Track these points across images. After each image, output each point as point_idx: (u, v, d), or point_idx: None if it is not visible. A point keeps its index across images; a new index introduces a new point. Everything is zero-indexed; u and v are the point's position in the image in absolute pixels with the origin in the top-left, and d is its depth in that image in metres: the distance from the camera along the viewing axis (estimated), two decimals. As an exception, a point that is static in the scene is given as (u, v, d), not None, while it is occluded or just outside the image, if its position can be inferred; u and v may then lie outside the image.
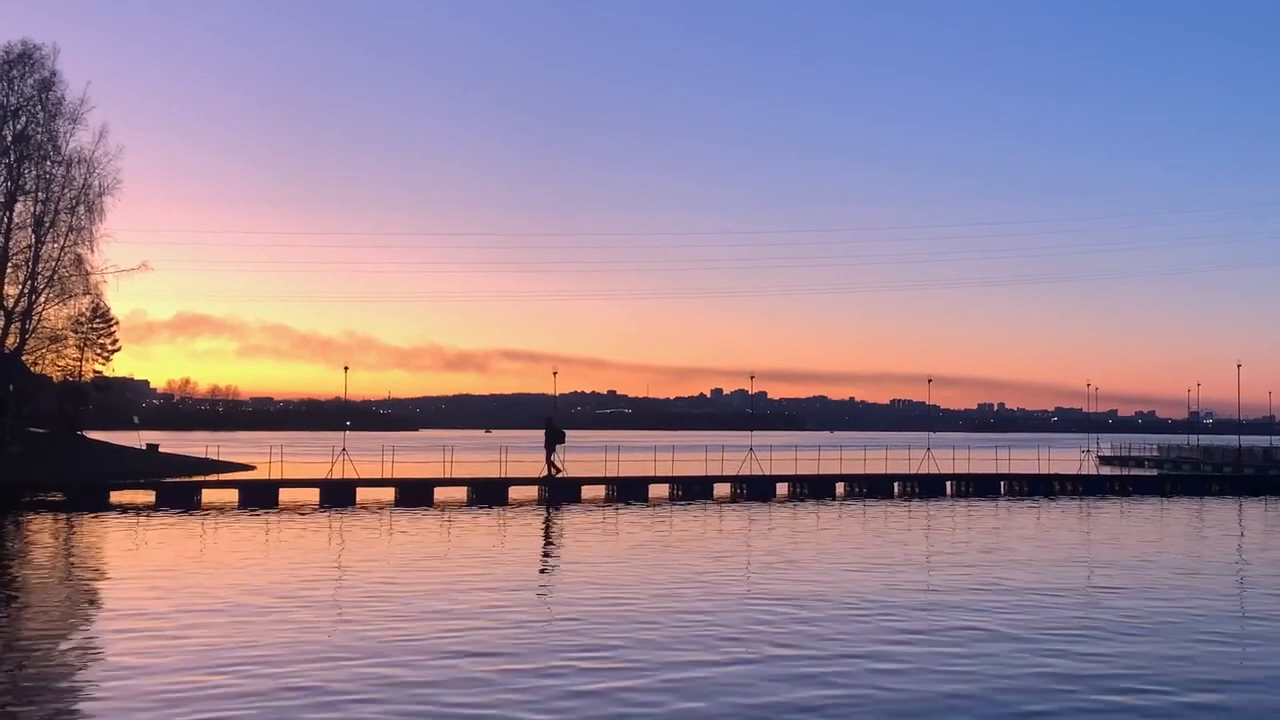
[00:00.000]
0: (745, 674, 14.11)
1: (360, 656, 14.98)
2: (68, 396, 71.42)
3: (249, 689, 13.18)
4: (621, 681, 13.68)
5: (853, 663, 14.80)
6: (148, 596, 20.41)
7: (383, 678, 13.80)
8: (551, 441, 47.92)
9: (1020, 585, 22.15)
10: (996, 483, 53.62)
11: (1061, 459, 65.30)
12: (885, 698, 13.01)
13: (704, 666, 14.51)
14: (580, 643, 16.01)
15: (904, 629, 17.24)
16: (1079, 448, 76.36)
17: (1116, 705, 12.82)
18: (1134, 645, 16.19)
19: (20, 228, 56.95)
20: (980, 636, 16.66)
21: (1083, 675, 14.19)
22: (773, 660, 14.94)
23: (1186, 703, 13.01)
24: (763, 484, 50.46)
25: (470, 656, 14.99)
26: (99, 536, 31.69)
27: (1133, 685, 13.73)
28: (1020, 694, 13.22)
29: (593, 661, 14.79)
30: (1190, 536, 33.54)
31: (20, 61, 56.64)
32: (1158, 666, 14.84)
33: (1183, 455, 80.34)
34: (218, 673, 14.00)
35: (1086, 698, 13.09)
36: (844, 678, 13.96)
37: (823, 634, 16.84)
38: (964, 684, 13.64)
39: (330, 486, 44.67)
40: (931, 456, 56.58)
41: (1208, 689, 13.67)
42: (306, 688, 13.25)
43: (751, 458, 53.90)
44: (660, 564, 25.35)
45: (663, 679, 13.81)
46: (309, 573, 23.67)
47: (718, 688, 13.41)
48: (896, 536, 32.21)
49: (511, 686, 13.39)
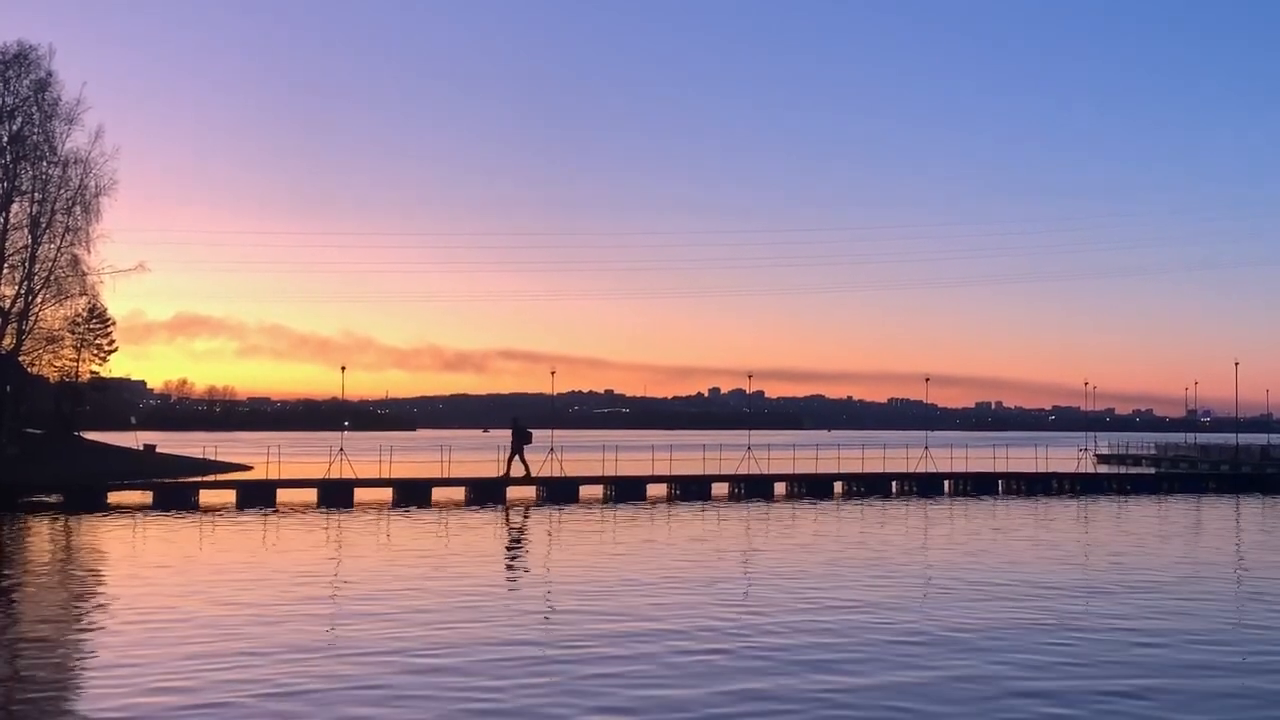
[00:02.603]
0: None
1: (356, 654, 14.98)
2: (65, 397, 71.39)
3: (246, 689, 13.16)
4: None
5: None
6: (145, 597, 20.38)
7: (383, 676, 13.80)
8: (518, 442, 47.62)
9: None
10: (994, 481, 53.62)
11: (1059, 458, 65.26)
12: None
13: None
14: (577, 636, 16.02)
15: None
16: (1077, 446, 76.26)
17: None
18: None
19: (16, 228, 56.78)
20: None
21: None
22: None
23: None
24: (761, 483, 50.45)
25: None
26: (96, 537, 31.66)
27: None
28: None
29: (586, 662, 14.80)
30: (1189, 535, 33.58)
31: (16, 62, 56.46)
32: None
33: (1180, 453, 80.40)
34: (214, 672, 13.98)
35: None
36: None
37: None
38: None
39: (328, 487, 44.61)
40: (929, 455, 56.59)
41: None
42: (304, 688, 13.24)
43: (749, 457, 53.90)
44: (641, 563, 25.38)
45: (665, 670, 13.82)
46: (306, 572, 23.65)
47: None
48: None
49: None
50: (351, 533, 32.64)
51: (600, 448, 59.31)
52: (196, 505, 41.61)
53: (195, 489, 44.83)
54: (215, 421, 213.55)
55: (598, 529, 34.24)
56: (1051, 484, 54.16)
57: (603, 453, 54.30)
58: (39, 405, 65.91)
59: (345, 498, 43.11)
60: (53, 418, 67.89)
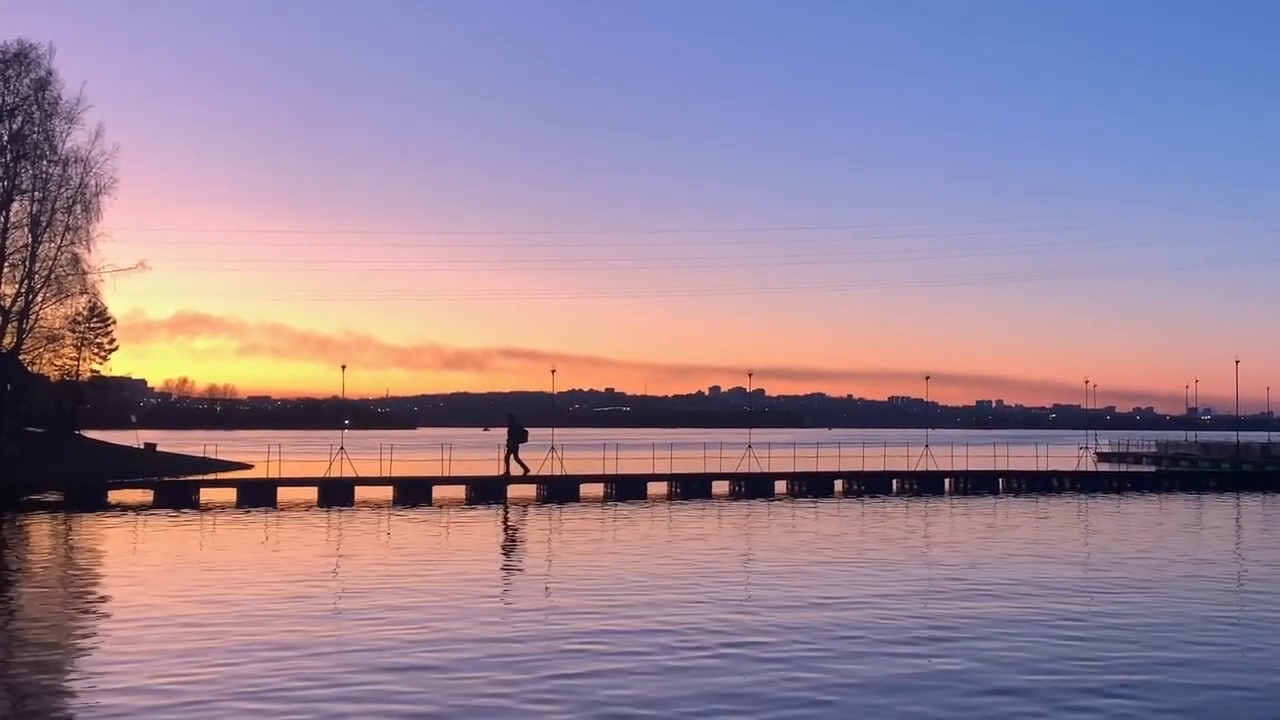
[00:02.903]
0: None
1: (360, 652, 15.00)
2: (65, 396, 71.38)
3: (250, 686, 13.18)
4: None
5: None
6: (145, 595, 20.40)
7: (388, 675, 13.81)
8: (514, 440, 47.54)
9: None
10: (995, 479, 53.63)
11: (1060, 456, 65.27)
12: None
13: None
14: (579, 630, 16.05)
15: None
16: (1077, 445, 76.28)
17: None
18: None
19: (17, 227, 56.82)
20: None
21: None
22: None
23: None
24: (761, 481, 50.45)
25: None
26: (97, 536, 31.68)
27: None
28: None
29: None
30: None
31: (16, 61, 56.48)
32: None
33: (1181, 451, 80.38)
34: (216, 669, 14.00)
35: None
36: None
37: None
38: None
39: (328, 485, 44.63)
40: (930, 454, 56.60)
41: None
42: (283, 687, 13.26)
43: (750, 455, 53.92)
44: (639, 561, 25.39)
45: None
46: (307, 570, 23.66)
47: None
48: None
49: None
50: (351, 531, 32.66)
51: (601, 446, 59.33)
52: (197, 504, 41.63)
53: (196, 488, 44.85)
54: (216, 420, 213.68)
55: (597, 527, 34.25)
56: (1052, 482, 54.15)
57: (603, 451, 54.33)
58: (39, 404, 65.90)
59: (346, 496, 43.14)
60: (53, 416, 67.90)
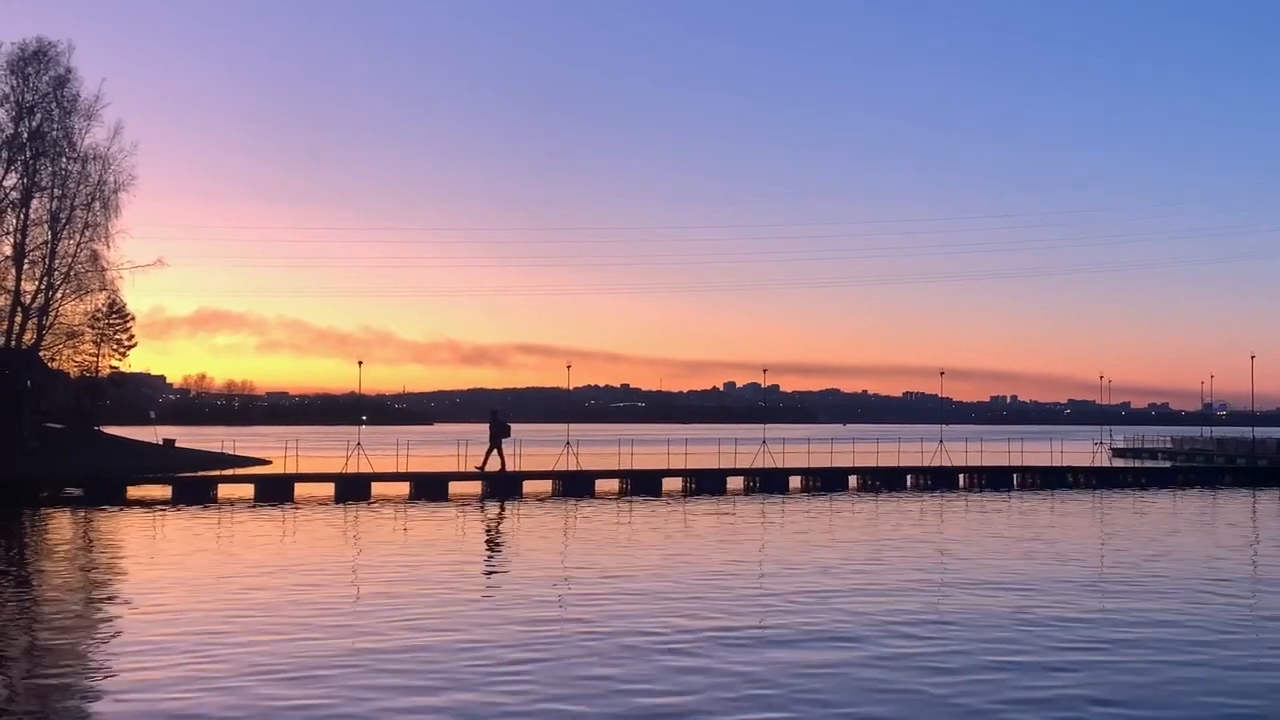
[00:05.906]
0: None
1: (381, 651, 15.18)
2: (85, 392, 71.72)
3: (266, 680, 13.38)
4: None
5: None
6: (166, 590, 20.65)
7: (408, 673, 14.00)
8: (496, 436, 47.61)
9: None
10: (1009, 475, 53.60)
11: (1074, 451, 65.19)
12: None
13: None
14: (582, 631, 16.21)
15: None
16: (1092, 440, 76.16)
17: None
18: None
19: (36, 224, 57.24)
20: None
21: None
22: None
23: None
24: (776, 477, 50.52)
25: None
26: (117, 531, 31.99)
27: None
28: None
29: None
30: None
31: (35, 58, 56.86)
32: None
33: (1196, 447, 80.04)
34: (232, 664, 14.19)
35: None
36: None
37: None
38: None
39: (345, 481, 44.87)
40: (944, 449, 56.61)
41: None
42: (319, 690, 13.44)
43: (764, 451, 54.00)
44: (653, 557, 25.58)
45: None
46: (325, 566, 23.89)
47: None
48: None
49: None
50: (366, 527, 32.88)
51: (616, 442, 59.55)
52: (215, 499, 41.91)
53: (214, 483, 45.09)
54: (234, 416, 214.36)
55: (612, 523, 34.38)
56: (1066, 477, 54.05)
57: (618, 447, 54.52)
58: (59, 400, 66.25)
59: (363, 492, 43.40)
60: (73, 412, 68.25)
